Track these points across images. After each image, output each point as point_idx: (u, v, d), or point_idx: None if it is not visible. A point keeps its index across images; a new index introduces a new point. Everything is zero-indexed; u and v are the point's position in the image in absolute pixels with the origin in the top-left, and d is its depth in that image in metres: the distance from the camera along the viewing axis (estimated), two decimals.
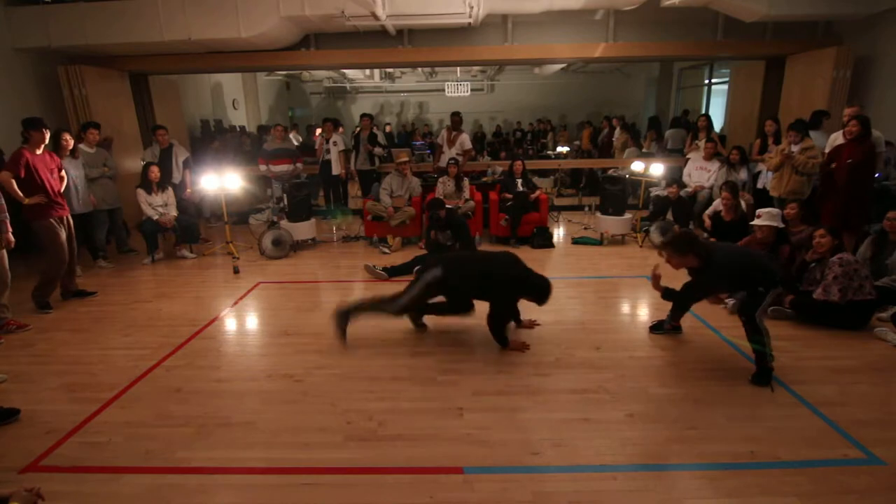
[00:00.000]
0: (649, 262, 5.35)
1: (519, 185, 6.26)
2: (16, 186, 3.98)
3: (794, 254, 4.00)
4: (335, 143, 7.14)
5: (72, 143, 4.93)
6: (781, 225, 4.00)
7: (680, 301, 3.33)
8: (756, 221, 4.00)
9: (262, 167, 6.95)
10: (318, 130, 10.36)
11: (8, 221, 3.62)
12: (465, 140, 7.03)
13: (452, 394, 2.87)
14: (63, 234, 4.25)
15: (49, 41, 6.02)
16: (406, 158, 6.32)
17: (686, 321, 3.68)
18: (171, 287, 4.85)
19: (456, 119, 7.05)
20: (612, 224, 6.01)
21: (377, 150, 7.31)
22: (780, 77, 7.00)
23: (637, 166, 6.21)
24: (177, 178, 6.31)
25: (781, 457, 2.29)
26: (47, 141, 4.14)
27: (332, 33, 6.85)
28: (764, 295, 2.86)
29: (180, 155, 6.43)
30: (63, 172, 4.42)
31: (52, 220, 4.16)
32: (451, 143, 6.98)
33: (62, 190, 4.34)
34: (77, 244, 5.24)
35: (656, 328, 3.63)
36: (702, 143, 6.44)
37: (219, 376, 3.15)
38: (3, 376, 3.14)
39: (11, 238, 3.64)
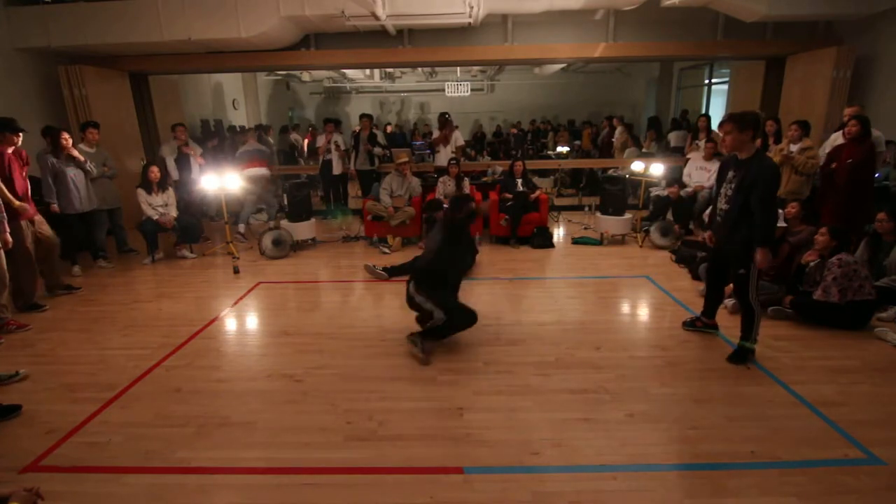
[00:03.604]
0: (649, 261, 5.36)
1: (519, 185, 6.26)
2: (5, 189, 3.93)
3: (793, 253, 4.00)
4: (336, 144, 7.19)
5: (70, 141, 4.93)
6: (783, 225, 4.00)
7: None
8: None
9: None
10: (310, 132, 10.42)
11: (6, 222, 3.61)
12: (458, 137, 7.24)
13: (452, 394, 2.87)
14: (30, 237, 4.15)
15: (49, 41, 6.02)
16: (406, 159, 6.32)
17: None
18: (171, 287, 4.85)
19: (442, 119, 7.26)
20: (612, 224, 6.01)
21: (377, 150, 7.32)
22: (780, 77, 7.00)
23: (637, 166, 6.21)
24: (195, 173, 6.54)
25: (781, 457, 2.30)
26: (19, 143, 4.06)
27: (332, 33, 6.85)
28: (745, 277, 3.00)
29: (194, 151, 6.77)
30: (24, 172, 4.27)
31: (21, 222, 4.05)
32: (445, 141, 7.09)
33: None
34: (77, 244, 5.28)
35: (689, 324, 3.62)
36: (702, 143, 6.44)
37: (219, 376, 3.15)
38: (24, 372, 3.14)
39: (9, 238, 3.64)
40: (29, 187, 4.23)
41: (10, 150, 4.01)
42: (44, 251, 4.38)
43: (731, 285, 3.32)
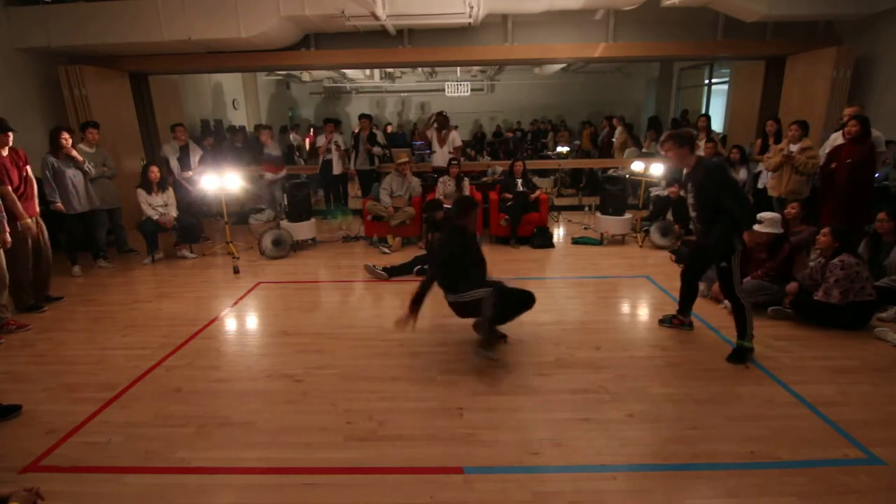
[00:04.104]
0: (649, 261, 5.36)
1: (519, 185, 6.26)
2: (16, 199, 3.93)
3: (793, 253, 4.00)
4: (336, 144, 7.20)
5: (70, 141, 4.93)
6: (781, 231, 3.99)
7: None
8: (756, 227, 3.99)
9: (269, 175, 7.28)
10: (311, 131, 10.48)
11: (5, 221, 3.61)
12: (456, 137, 7.20)
13: (452, 394, 2.86)
14: (29, 237, 4.14)
15: (49, 41, 6.02)
16: (406, 159, 6.32)
17: None
18: (171, 287, 4.85)
19: (441, 118, 7.18)
20: (612, 224, 6.01)
21: (375, 149, 7.32)
22: (780, 77, 6.99)
23: (637, 166, 6.21)
24: (195, 173, 6.59)
25: (781, 457, 2.30)
26: (10, 143, 4.01)
27: (332, 33, 6.85)
28: (730, 270, 3.12)
29: (194, 153, 6.78)
30: (30, 172, 4.23)
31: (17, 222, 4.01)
32: (442, 141, 7.04)
33: (28, 191, 4.20)
34: (76, 244, 5.28)
35: (664, 321, 3.72)
36: (702, 144, 6.43)
37: (219, 376, 3.15)
38: None
39: (8, 238, 3.63)
40: (31, 188, 4.21)
41: (4, 152, 3.97)
42: (39, 260, 4.35)
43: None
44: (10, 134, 3.99)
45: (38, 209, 4.30)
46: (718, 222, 3.11)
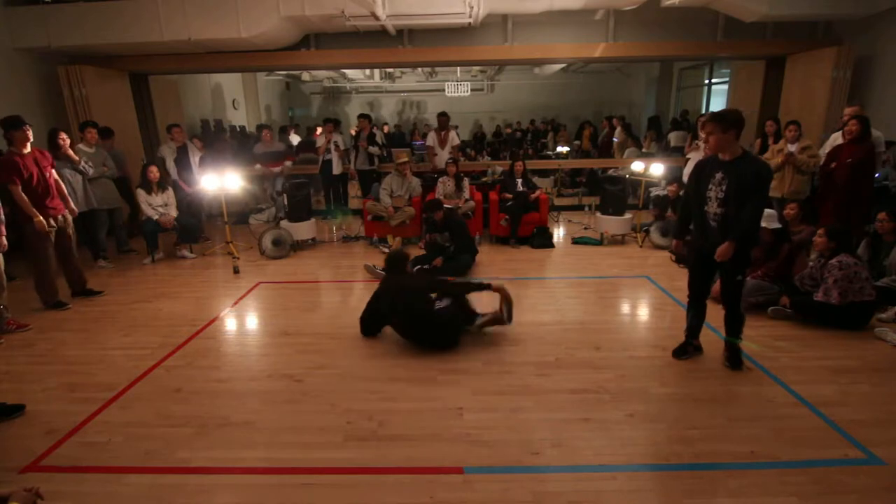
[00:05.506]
0: (649, 261, 5.36)
1: (519, 185, 6.26)
2: (27, 200, 3.92)
3: (793, 253, 4.00)
4: (336, 144, 7.21)
5: (69, 141, 4.93)
6: (778, 226, 3.99)
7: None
8: None
9: (257, 167, 7.48)
10: (319, 129, 10.51)
11: (3, 225, 3.60)
12: (454, 137, 7.27)
13: (452, 394, 2.86)
14: (52, 233, 4.18)
15: (49, 41, 6.02)
16: (406, 159, 6.32)
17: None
18: (171, 287, 4.85)
19: (443, 119, 7.20)
20: (612, 224, 6.01)
21: (372, 149, 7.32)
22: (780, 77, 7.00)
23: (637, 166, 6.21)
24: (195, 174, 6.49)
25: (781, 457, 2.29)
26: (31, 138, 4.01)
27: (332, 33, 6.85)
28: (741, 283, 2.98)
29: (192, 153, 6.67)
30: (54, 174, 4.28)
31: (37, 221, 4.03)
32: (443, 142, 7.07)
33: (57, 189, 4.26)
34: (77, 243, 5.28)
35: (682, 355, 3.23)
36: (702, 143, 6.43)
37: (219, 376, 3.15)
38: None
39: (4, 242, 3.62)
40: (58, 188, 4.26)
41: (25, 151, 3.97)
42: (67, 256, 4.41)
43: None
44: (28, 129, 3.95)
45: (67, 208, 4.35)
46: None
